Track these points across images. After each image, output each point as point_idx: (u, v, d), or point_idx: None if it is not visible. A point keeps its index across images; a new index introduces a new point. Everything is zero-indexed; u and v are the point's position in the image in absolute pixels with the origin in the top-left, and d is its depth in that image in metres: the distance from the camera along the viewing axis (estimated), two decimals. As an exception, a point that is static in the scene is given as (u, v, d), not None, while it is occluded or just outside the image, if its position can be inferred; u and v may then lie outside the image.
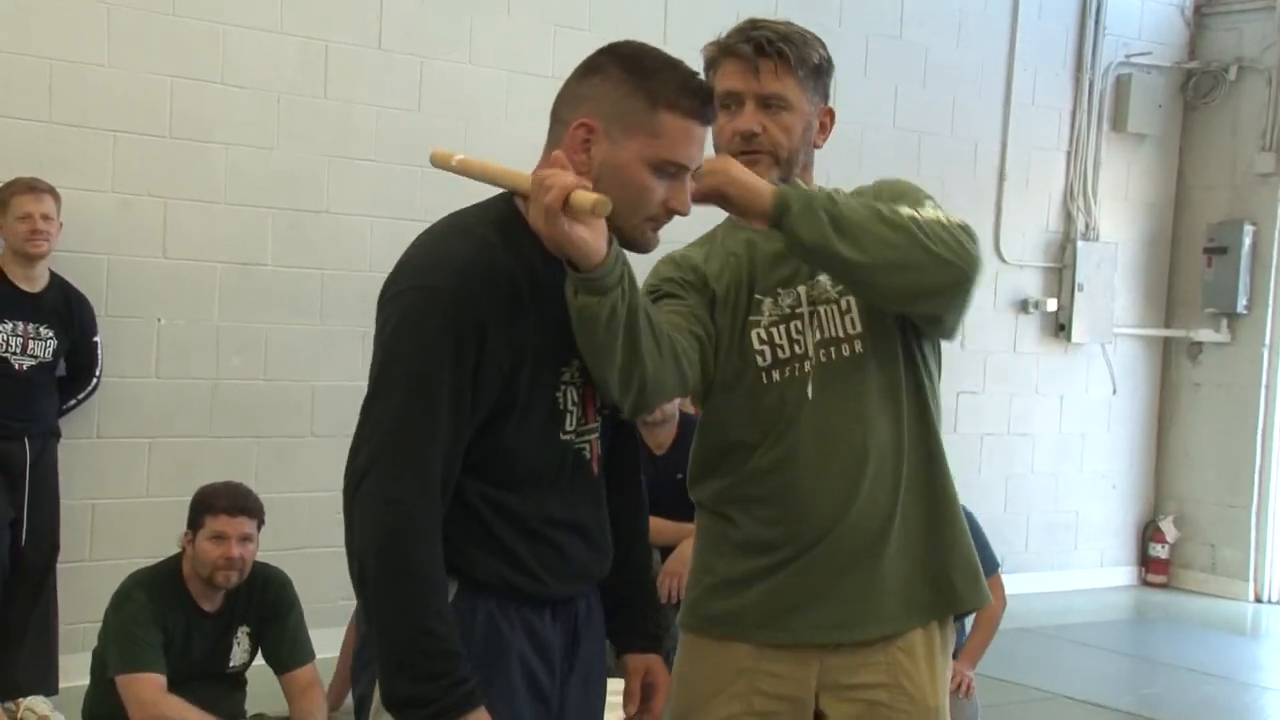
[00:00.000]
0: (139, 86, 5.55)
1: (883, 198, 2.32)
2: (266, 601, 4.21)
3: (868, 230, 2.20)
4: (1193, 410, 8.82)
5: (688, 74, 2.08)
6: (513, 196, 2.11)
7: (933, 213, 2.27)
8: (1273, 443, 8.46)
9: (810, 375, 2.34)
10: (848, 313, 2.34)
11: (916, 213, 2.25)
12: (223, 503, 4.09)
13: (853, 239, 2.19)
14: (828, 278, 2.35)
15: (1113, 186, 8.60)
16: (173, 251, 5.66)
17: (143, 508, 5.57)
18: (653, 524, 5.52)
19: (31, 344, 4.95)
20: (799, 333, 2.35)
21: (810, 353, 2.34)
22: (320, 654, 4.37)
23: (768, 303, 2.38)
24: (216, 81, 5.71)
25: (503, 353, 2.00)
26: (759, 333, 2.37)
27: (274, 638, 4.21)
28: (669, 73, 2.05)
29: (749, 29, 2.35)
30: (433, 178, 6.16)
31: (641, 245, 2.12)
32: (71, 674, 4.95)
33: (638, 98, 2.03)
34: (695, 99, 2.05)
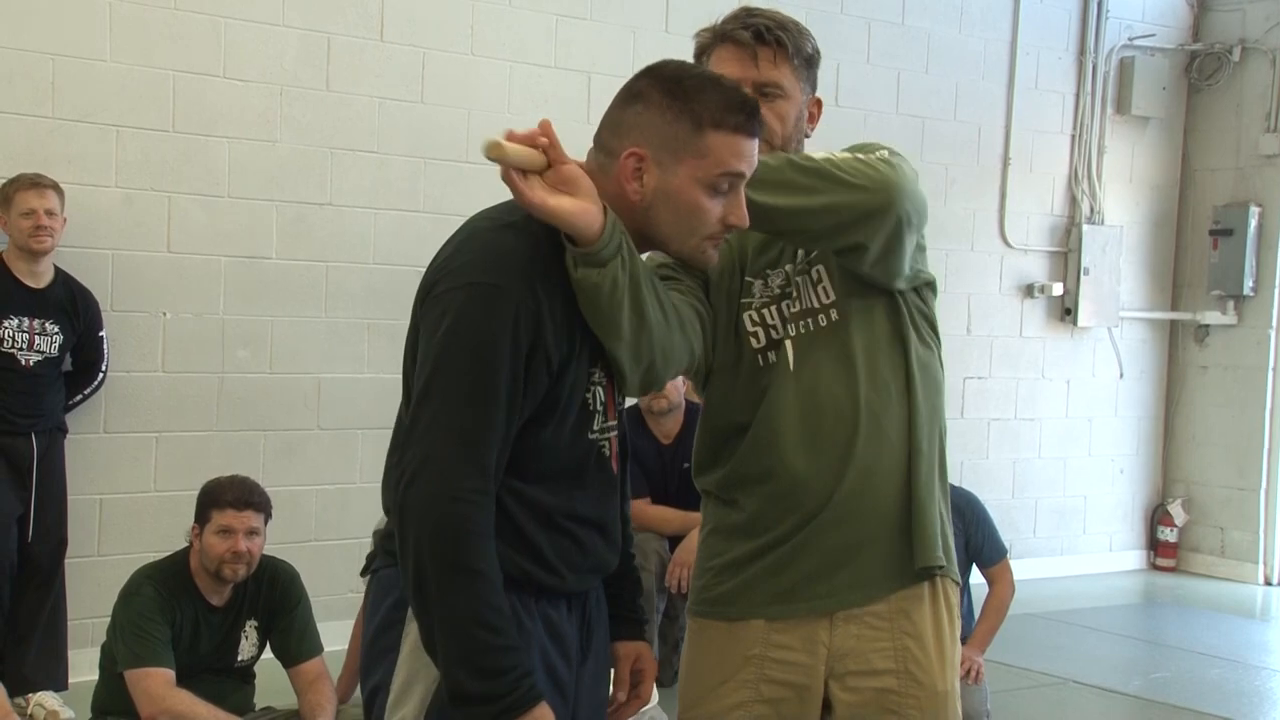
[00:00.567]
0: (141, 81, 5.55)
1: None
2: (274, 595, 4.22)
3: (781, 176, 2.22)
4: (1200, 393, 8.81)
5: (730, 90, 2.09)
6: None
7: (860, 154, 2.29)
8: (1280, 425, 8.45)
9: (790, 345, 2.36)
10: (819, 282, 2.37)
11: (833, 154, 2.28)
12: (229, 497, 4.09)
13: (769, 186, 2.20)
14: (803, 250, 2.38)
15: (1117, 170, 8.59)
16: (177, 245, 5.66)
17: (150, 502, 5.58)
18: (660, 513, 5.61)
19: (37, 339, 4.95)
20: (791, 310, 2.38)
21: (788, 322, 2.37)
22: (328, 646, 4.37)
23: (758, 285, 2.42)
24: (218, 75, 5.71)
25: (554, 352, 2.02)
26: (751, 315, 2.40)
27: (282, 631, 4.22)
28: (711, 91, 2.07)
29: (745, 16, 2.35)
30: (435, 169, 6.24)
31: (702, 263, 2.17)
32: (81, 669, 4.96)
33: (683, 122, 2.05)
34: (740, 114, 2.07)
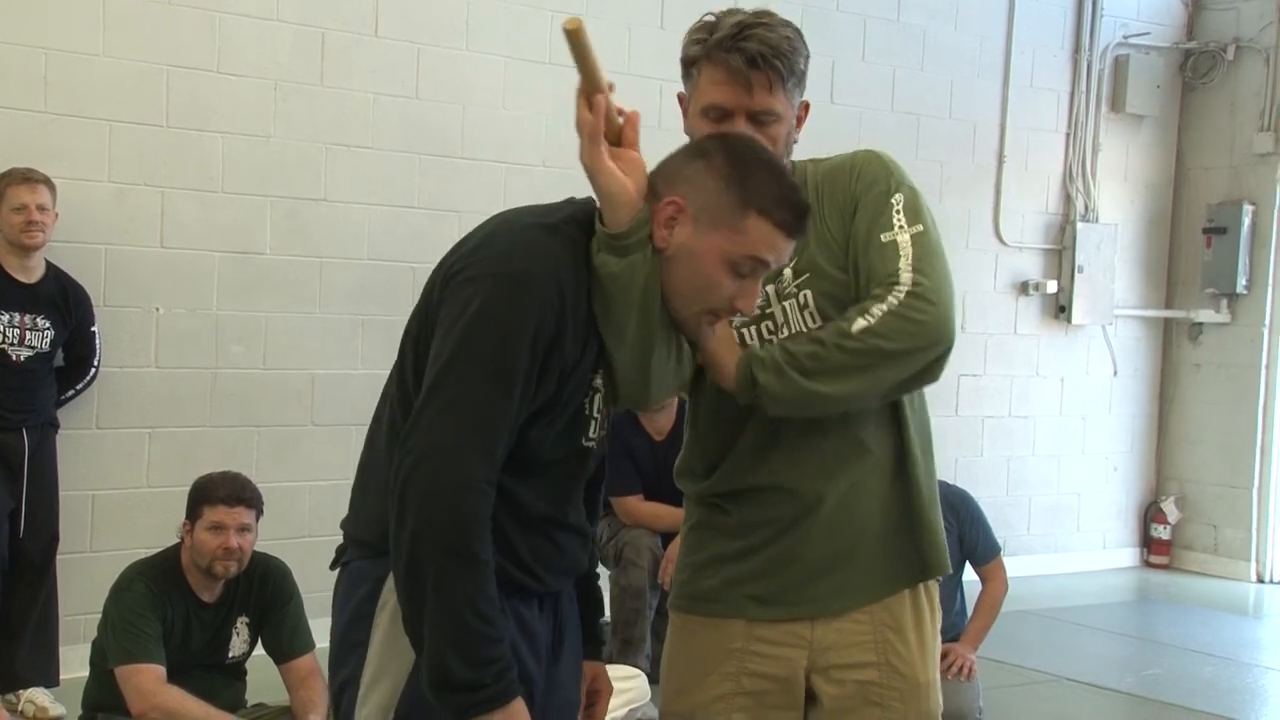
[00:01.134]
0: (134, 75, 5.54)
1: (848, 209, 2.31)
2: (266, 591, 4.20)
3: (836, 362, 2.20)
4: (1193, 391, 8.81)
5: (789, 186, 2.10)
6: (595, 207, 2.11)
7: (887, 302, 2.22)
8: (1273, 423, 8.46)
9: None
10: (806, 307, 2.33)
11: (871, 314, 2.21)
12: (221, 493, 4.08)
13: (827, 375, 2.20)
14: (790, 271, 2.32)
15: (1112, 168, 8.59)
16: (170, 240, 5.65)
17: (143, 498, 5.57)
18: (654, 510, 5.61)
19: (28, 335, 4.94)
20: (770, 332, 2.34)
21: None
22: (320, 643, 4.34)
23: None
24: (212, 70, 5.70)
25: (569, 352, 2.02)
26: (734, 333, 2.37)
27: (274, 627, 4.21)
28: (769, 179, 2.08)
29: (738, 36, 2.25)
30: (430, 165, 6.23)
31: (693, 334, 2.17)
32: (73, 665, 4.95)
33: (731, 194, 2.06)
34: (789, 212, 2.08)
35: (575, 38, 2.00)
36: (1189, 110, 8.85)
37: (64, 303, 5.07)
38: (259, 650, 4.28)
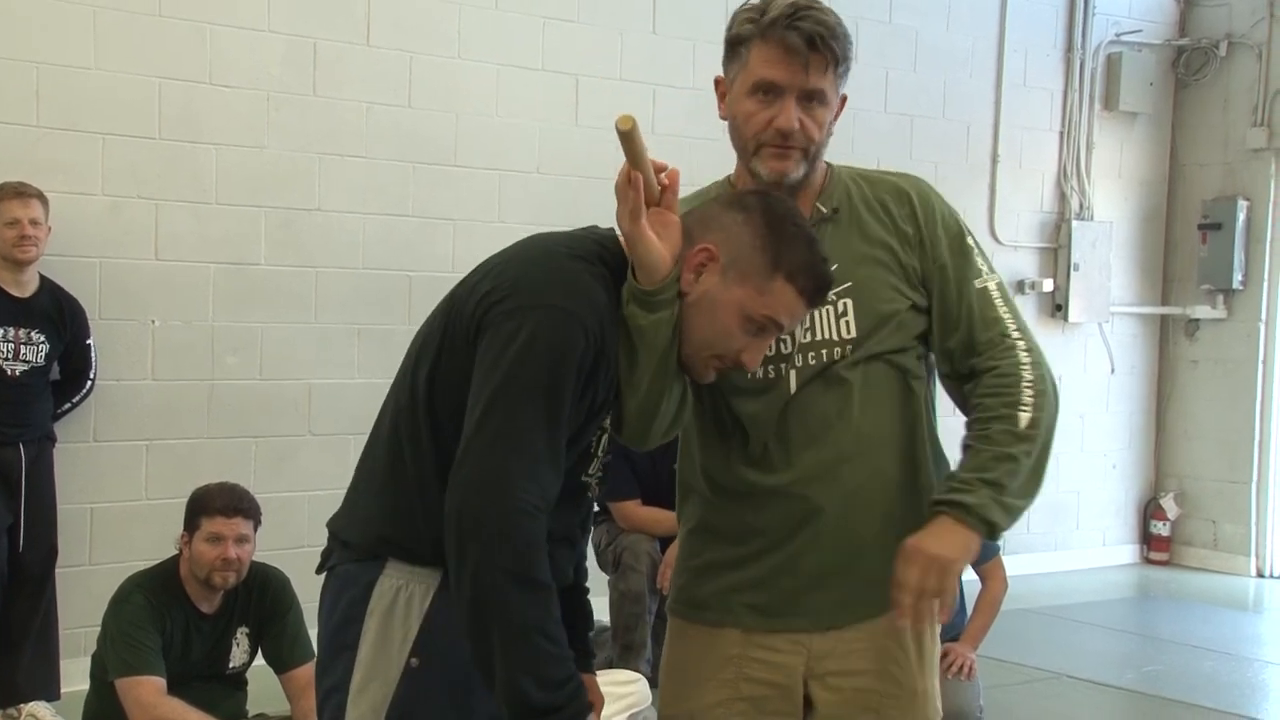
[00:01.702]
0: (127, 88, 5.55)
1: (957, 273, 2.38)
2: (265, 602, 4.20)
3: (1029, 471, 2.26)
4: (1191, 387, 8.82)
5: (818, 258, 2.15)
6: (619, 243, 2.14)
7: (1027, 378, 2.30)
8: (1271, 417, 8.47)
9: (794, 374, 2.32)
10: (844, 315, 2.32)
11: (1022, 400, 2.28)
12: (218, 504, 4.08)
13: (1028, 485, 2.27)
14: None
15: (1106, 165, 8.60)
16: (165, 253, 5.66)
17: (141, 510, 5.57)
18: (651, 514, 5.59)
19: (23, 349, 4.94)
20: (789, 334, 2.31)
21: (795, 354, 2.32)
22: (320, 652, 4.36)
23: None
24: (204, 81, 5.71)
25: (601, 389, 2.05)
26: None
27: (273, 637, 4.21)
28: (803, 248, 2.13)
29: (794, 16, 2.24)
30: (423, 174, 6.23)
31: (697, 376, 2.20)
32: (74, 679, 4.95)
33: (764, 254, 2.10)
34: (813, 283, 2.14)
35: (628, 139, 2.01)
36: (1182, 107, 8.86)
37: (58, 316, 5.07)
38: (259, 660, 4.28)
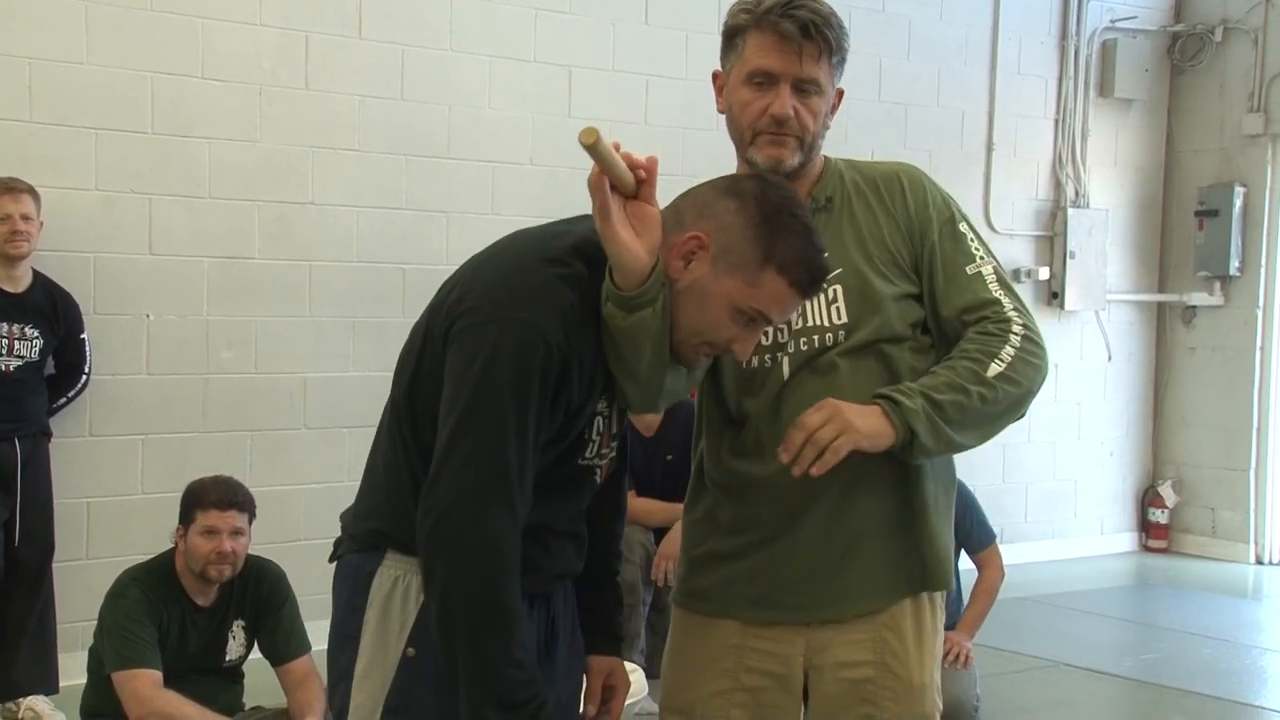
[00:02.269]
0: (119, 83, 5.54)
1: (942, 243, 2.36)
2: (261, 594, 4.21)
3: (975, 413, 2.25)
4: (1188, 374, 8.82)
5: (813, 249, 2.09)
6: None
7: (1014, 342, 2.30)
8: (1269, 404, 8.46)
9: (786, 360, 2.32)
10: (834, 302, 2.32)
11: (999, 354, 2.27)
12: (213, 497, 4.08)
13: (968, 427, 2.26)
14: None
15: (1101, 153, 8.59)
16: (159, 247, 5.65)
17: (138, 504, 5.58)
18: (645, 505, 5.60)
19: (17, 344, 4.94)
20: (784, 322, 2.32)
21: (789, 340, 2.32)
22: (316, 645, 4.33)
23: None
24: (196, 75, 5.70)
25: (576, 393, 2.04)
26: None
27: (269, 630, 4.21)
28: (796, 238, 2.07)
29: (789, 5, 2.27)
30: (417, 167, 6.23)
31: (688, 363, 2.17)
32: (72, 672, 4.95)
33: (756, 245, 2.05)
34: (807, 275, 2.08)
35: (594, 151, 1.99)
36: (1178, 93, 8.85)
37: (51, 311, 5.07)
38: (256, 653, 4.29)
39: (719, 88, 2.37)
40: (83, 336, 5.23)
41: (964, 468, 2.51)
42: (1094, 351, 8.66)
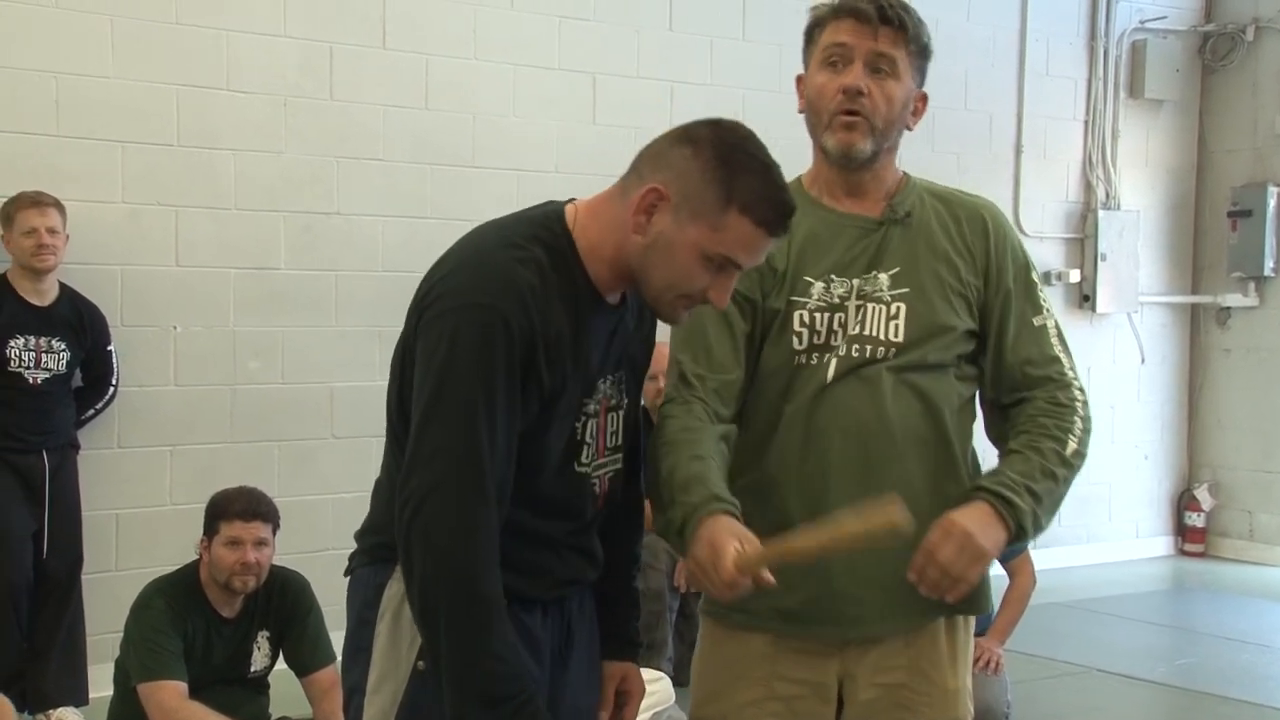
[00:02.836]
0: (144, 96, 5.56)
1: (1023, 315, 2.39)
2: (285, 605, 4.22)
3: (1061, 494, 2.31)
4: (1223, 376, 8.73)
5: (775, 184, 2.02)
6: (562, 218, 2.09)
7: (1080, 412, 2.38)
8: (1306, 406, 8.37)
9: (834, 363, 2.30)
10: (894, 319, 2.31)
11: (1074, 429, 2.34)
12: (236, 508, 4.10)
13: (1051, 517, 2.31)
14: (886, 277, 2.32)
15: (1132, 154, 8.52)
16: (185, 259, 5.67)
17: (166, 515, 5.59)
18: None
19: (44, 357, 4.97)
20: (840, 324, 2.31)
21: (841, 343, 2.30)
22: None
23: (817, 287, 2.33)
24: (221, 88, 5.72)
25: (548, 377, 2.01)
26: (801, 314, 2.33)
27: (294, 641, 4.22)
28: (756, 177, 2.00)
29: None
30: (441, 175, 6.24)
31: (668, 318, 2.14)
32: (101, 684, 4.95)
33: (716, 188, 1.99)
34: (772, 211, 2.01)
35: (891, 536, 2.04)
36: (1209, 93, 8.76)
37: (78, 323, 5.10)
38: (281, 664, 4.29)
39: (801, 92, 2.37)
40: (110, 349, 5.26)
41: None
42: (1127, 354, 8.58)
